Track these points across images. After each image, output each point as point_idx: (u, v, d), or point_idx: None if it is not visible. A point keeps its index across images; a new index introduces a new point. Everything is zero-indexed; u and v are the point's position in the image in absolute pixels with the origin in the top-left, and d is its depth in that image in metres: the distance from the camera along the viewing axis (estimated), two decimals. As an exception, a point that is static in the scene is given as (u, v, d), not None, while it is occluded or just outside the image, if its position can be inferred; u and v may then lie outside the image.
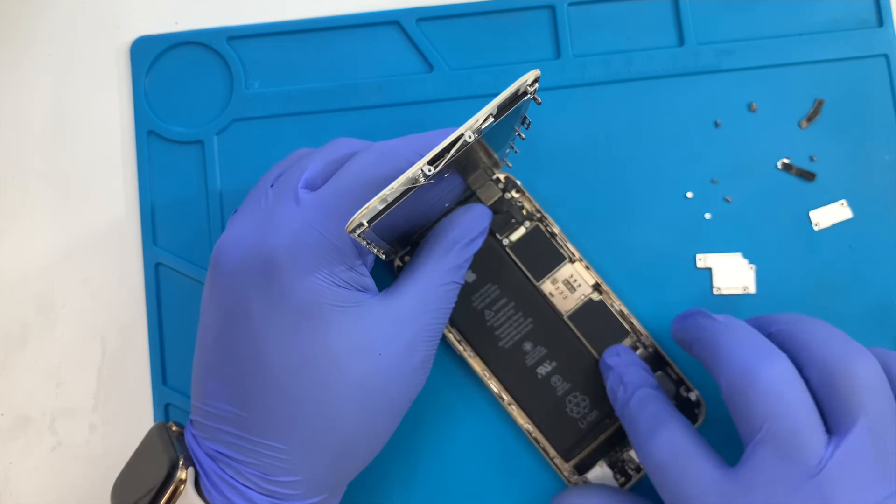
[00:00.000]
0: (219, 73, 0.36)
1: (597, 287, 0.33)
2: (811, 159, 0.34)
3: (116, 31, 0.36)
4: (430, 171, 0.23)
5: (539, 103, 0.24)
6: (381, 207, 0.23)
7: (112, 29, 0.36)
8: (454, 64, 0.35)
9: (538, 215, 0.33)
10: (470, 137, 0.23)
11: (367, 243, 0.25)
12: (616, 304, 0.33)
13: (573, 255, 0.33)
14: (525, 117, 0.27)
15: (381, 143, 0.29)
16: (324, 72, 0.35)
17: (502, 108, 0.23)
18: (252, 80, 0.35)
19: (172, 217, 0.35)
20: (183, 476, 0.27)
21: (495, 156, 0.30)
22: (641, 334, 0.33)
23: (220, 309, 0.27)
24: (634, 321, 0.33)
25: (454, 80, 0.35)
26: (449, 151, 0.23)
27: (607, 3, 0.35)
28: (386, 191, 0.23)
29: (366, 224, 0.24)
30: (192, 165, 0.35)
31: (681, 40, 0.35)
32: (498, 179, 0.34)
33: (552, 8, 0.35)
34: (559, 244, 0.33)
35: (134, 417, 0.34)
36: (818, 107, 0.35)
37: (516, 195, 0.34)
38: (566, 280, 0.33)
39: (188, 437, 0.28)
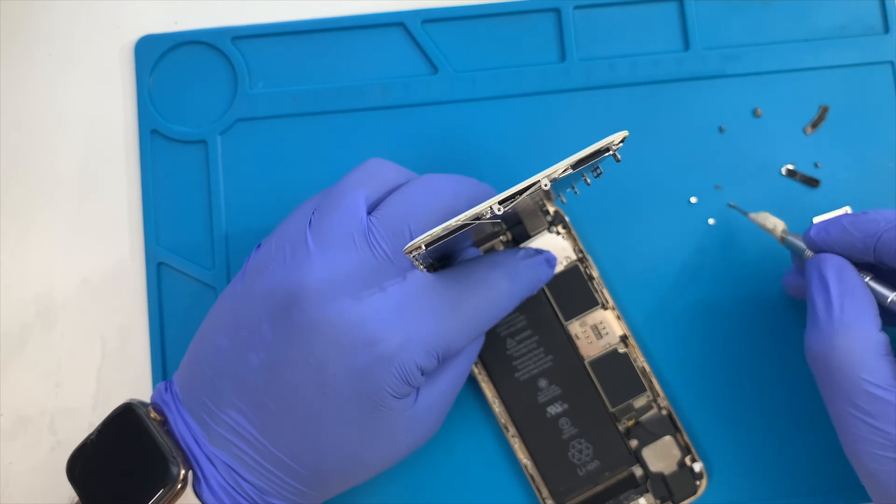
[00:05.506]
0: (223, 73, 0.35)
1: (624, 339, 0.33)
2: (815, 166, 0.34)
3: (117, 31, 0.36)
4: (499, 210, 0.24)
5: (618, 160, 0.24)
6: (441, 234, 0.24)
7: (112, 28, 0.36)
8: (459, 66, 0.35)
9: (580, 255, 0.33)
10: (545, 186, 0.24)
11: (416, 260, 0.26)
12: (639, 360, 0.33)
13: (606, 301, 0.33)
14: (597, 167, 0.27)
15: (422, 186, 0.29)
16: (328, 73, 0.35)
17: (582, 161, 0.24)
18: (256, 81, 0.35)
19: (175, 216, 0.35)
20: (185, 476, 0.27)
21: (552, 192, 0.30)
22: (658, 395, 0.32)
23: (271, 315, 0.27)
24: (654, 381, 0.32)
25: (459, 82, 0.35)
26: (521, 195, 0.24)
27: (613, 7, 0.35)
28: (451, 221, 0.24)
29: (423, 248, 0.24)
30: (195, 165, 0.35)
31: (686, 45, 0.35)
32: (547, 211, 0.33)
33: (557, 11, 0.35)
34: (595, 288, 0.33)
35: (134, 418, 0.34)
36: (823, 113, 0.35)
37: (562, 231, 0.33)
38: (595, 325, 0.33)
39: (182, 432, 0.28)
